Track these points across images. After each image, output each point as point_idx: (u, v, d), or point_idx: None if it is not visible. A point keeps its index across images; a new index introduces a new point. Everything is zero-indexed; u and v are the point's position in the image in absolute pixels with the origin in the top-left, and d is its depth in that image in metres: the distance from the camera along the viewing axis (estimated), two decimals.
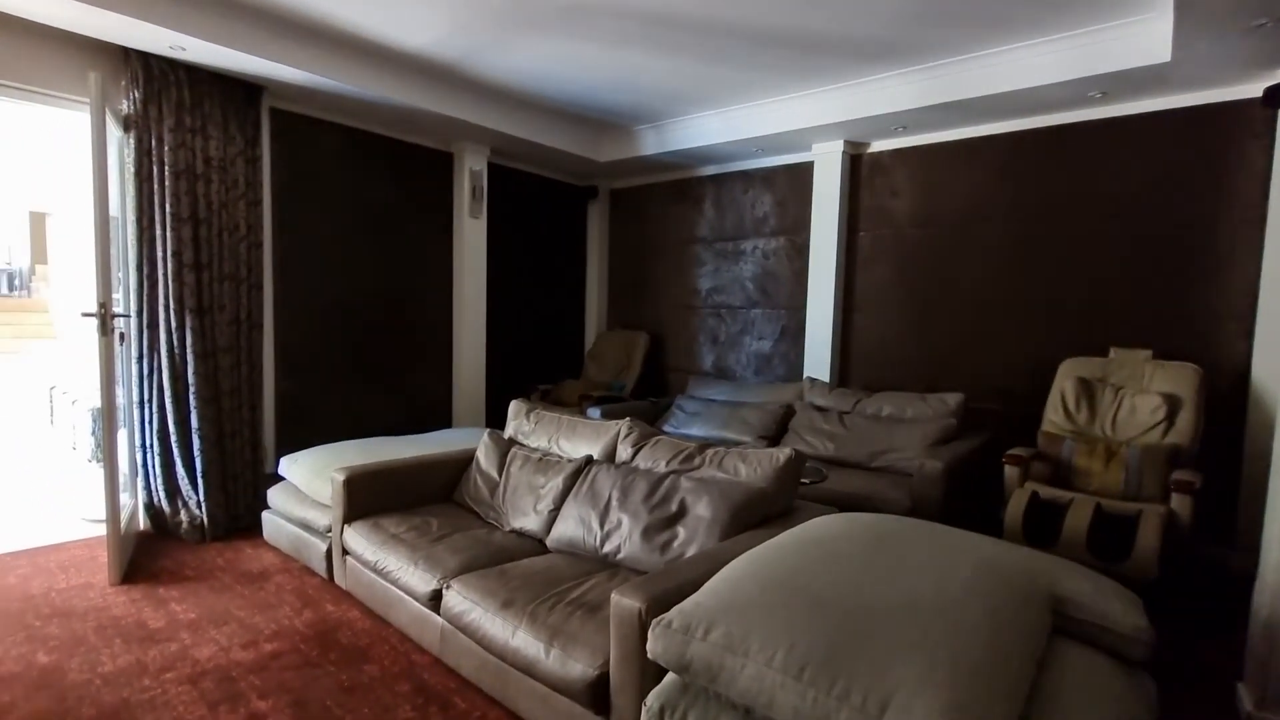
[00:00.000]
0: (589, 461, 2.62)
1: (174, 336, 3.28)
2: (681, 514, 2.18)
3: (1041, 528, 2.74)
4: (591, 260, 5.88)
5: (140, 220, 3.19)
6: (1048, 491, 2.85)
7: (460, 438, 3.46)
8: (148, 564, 2.99)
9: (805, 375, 4.44)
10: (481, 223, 4.76)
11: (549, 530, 2.49)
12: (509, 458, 2.87)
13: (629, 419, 2.72)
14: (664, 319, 5.44)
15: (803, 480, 3.10)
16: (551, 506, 2.53)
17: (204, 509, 3.32)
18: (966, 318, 3.94)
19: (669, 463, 2.43)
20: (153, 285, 3.25)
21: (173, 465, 3.33)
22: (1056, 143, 3.60)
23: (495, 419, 4.99)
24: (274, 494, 3.22)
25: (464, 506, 2.87)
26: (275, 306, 3.83)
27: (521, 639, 1.85)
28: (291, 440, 3.88)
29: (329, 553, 2.81)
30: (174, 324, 3.27)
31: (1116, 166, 3.43)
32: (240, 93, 3.47)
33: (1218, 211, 3.18)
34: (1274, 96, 2.75)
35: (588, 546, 2.32)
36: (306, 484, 3.00)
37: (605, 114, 4.51)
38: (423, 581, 2.24)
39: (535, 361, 5.51)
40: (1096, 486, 2.88)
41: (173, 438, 3.30)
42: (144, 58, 3.13)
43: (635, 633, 1.56)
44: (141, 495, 3.34)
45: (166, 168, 3.20)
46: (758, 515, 2.14)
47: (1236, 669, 2.18)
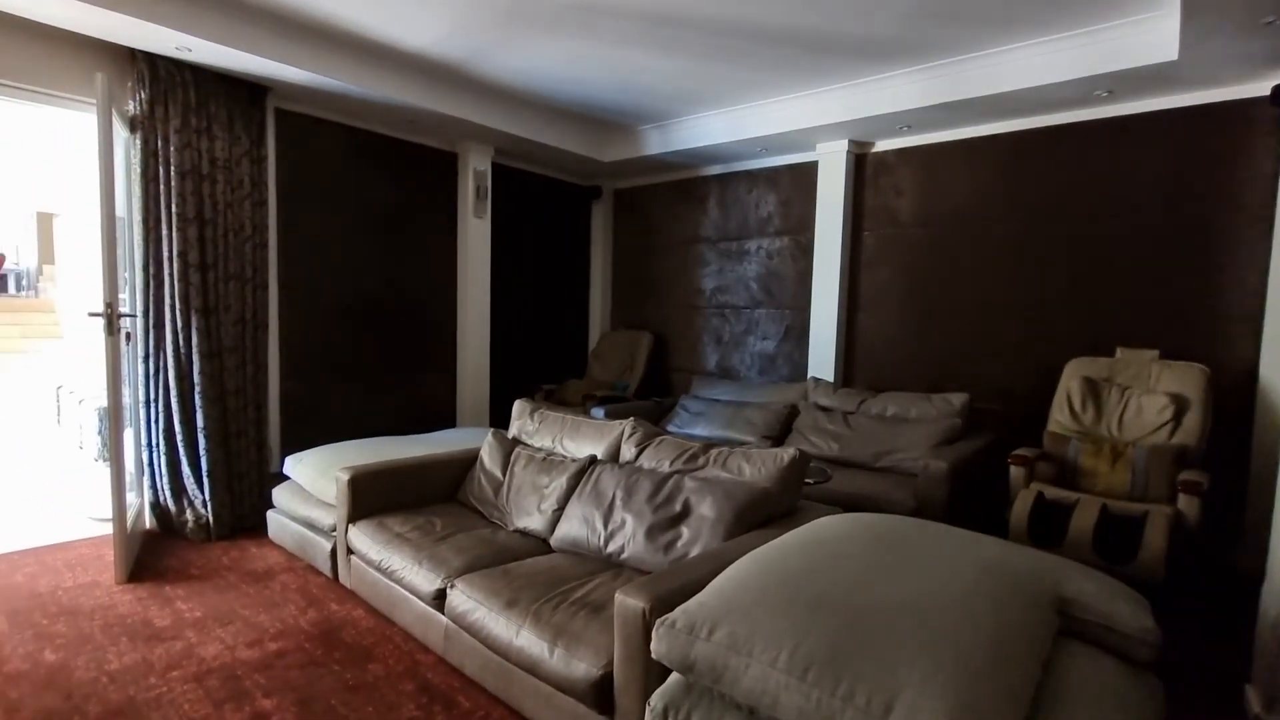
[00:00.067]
0: (593, 461, 2.62)
1: (180, 336, 3.29)
2: (685, 514, 2.18)
3: (1047, 528, 2.73)
4: (595, 260, 5.88)
5: (146, 220, 3.21)
6: (1053, 492, 2.84)
7: (464, 437, 3.47)
8: (154, 563, 3.01)
9: (809, 375, 4.43)
10: (485, 223, 4.77)
11: (553, 530, 2.50)
12: (513, 457, 2.87)
13: (633, 419, 2.72)
14: (668, 319, 5.43)
15: (807, 480, 3.09)
16: (555, 506, 2.53)
17: (209, 508, 3.33)
18: (972, 317, 3.92)
19: (673, 463, 2.43)
20: (159, 285, 3.27)
21: (178, 464, 3.35)
22: (1062, 142, 3.58)
23: (499, 419, 4.99)
24: (279, 493, 3.23)
25: (468, 506, 2.87)
26: (280, 306, 3.84)
27: (525, 638, 1.86)
28: (296, 440, 3.90)
29: (334, 552, 2.82)
30: (180, 324, 3.28)
31: (1123, 166, 3.42)
32: (245, 93, 3.48)
33: (1225, 211, 3.16)
34: None
35: (591, 546, 2.32)
36: (311, 483, 3.01)
37: (609, 114, 4.51)
38: (427, 581, 2.24)
39: (539, 361, 5.51)
40: (1103, 487, 2.87)
41: (178, 437, 3.32)
42: (150, 59, 3.15)
43: (639, 633, 1.56)
44: (147, 494, 3.36)
45: (172, 168, 3.22)
46: (762, 515, 2.14)
47: (1244, 670, 2.17)
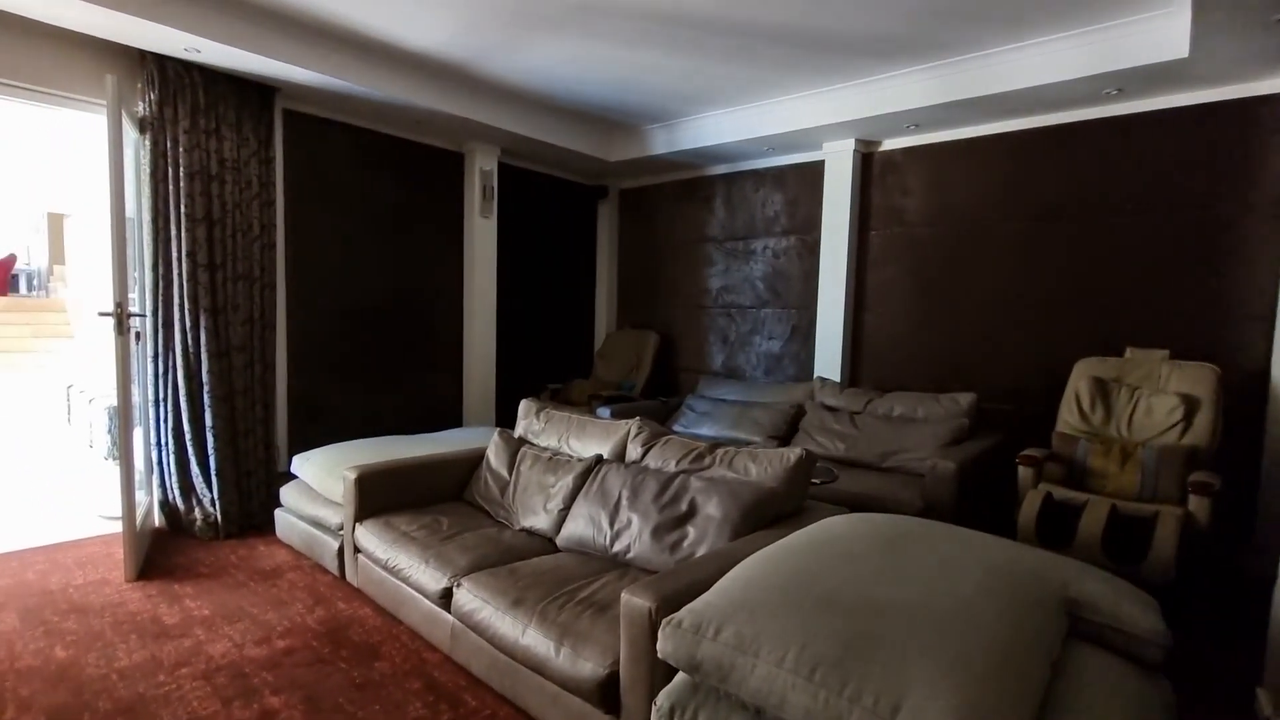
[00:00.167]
0: (599, 461, 2.62)
1: (189, 336, 3.31)
2: (691, 513, 2.17)
3: (1056, 529, 2.71)
4: (601, 260, 5.89)
5: (156, 221, 3.23)
6: (1062, 493, 2.82)
7: (471, 437, 3.47)
8: (163, 561, 3.03)
9: (816, 375, 4.42)
10: (492, 222, 4.77)
11: (559, 529, 2.50)
12: (519, 457, 2.87)
13: (639, 418, 2.72)
14: (674, 318, 5.43)
15: (813, 480, 3.08)
16: (561, 506, 2.53)
17: (218, 506, 3.35)
18: (979, 317, 3.90)
19: (679, 462, 2.43)
20: (168, 285, 3.29)
21: (187, 463, 3.37)
22: (1071, 140, 3.56)
23: (505, 418, 5.00)
24: (286, 492, 3.24)
25: (474, 505, 2.88)
26: (288, 306, 3.86)
27: (531, 637, 1.86)
28: (304, 439, 3.92)
29: (341, 551, 2.83)
30: (189, 323, 3.30)
31: (1132, 164, 3.39)
32: (254, 94, 3.50)
33: (1236, 209, 3.13)
34: None
35: (597, 546, 2.32)
36: (318, 482, 3.03)
37: (615, 113, 4.51)
38: (433, 580, 2.25)
39: (545, 361, 5.52)
40: (1112, 488, 2.85)
41: (187, 436, 3.34)
42: (159, 60, 3.17)
43: (645, 632, 1.56)
44: (157, 493, 3.38)
45: (181, 169, 3.24)
46: (768, 515, 2.13)
47: (1256, 673, 2.15)
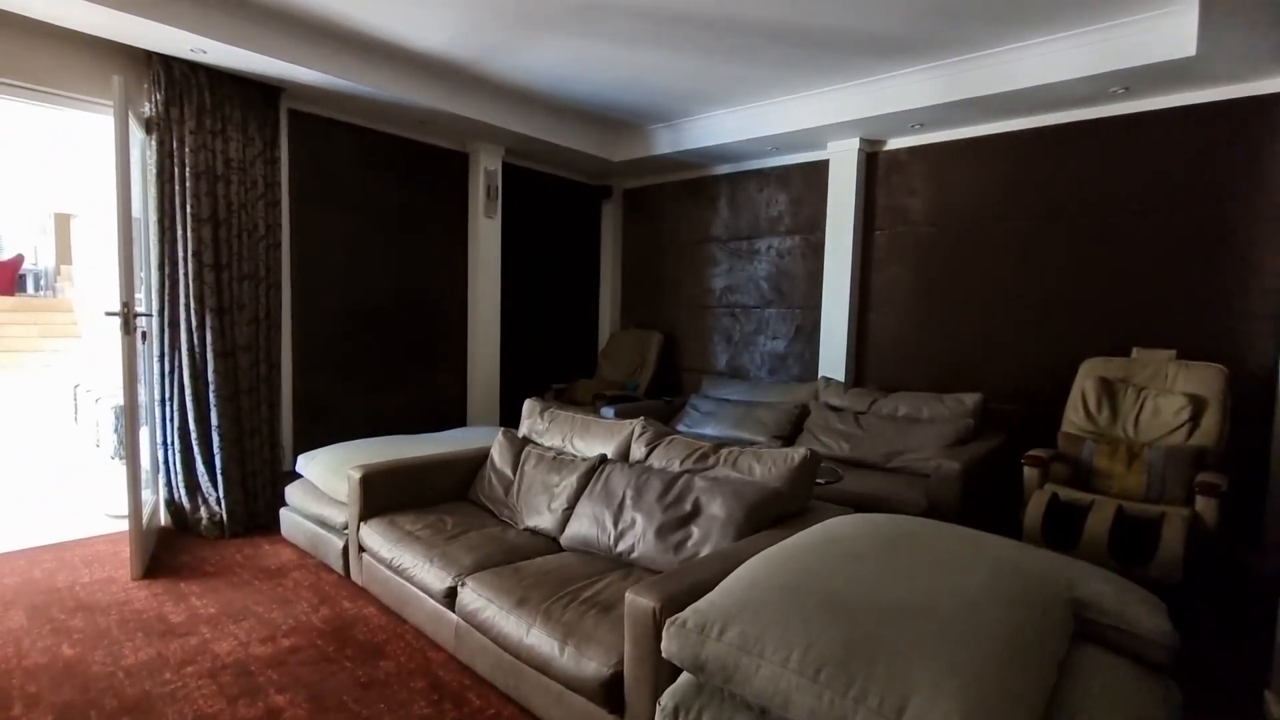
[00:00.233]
0: (603, 460, 2.62)
1: (194, 335, 3.32)
2: (695, 513, 2.17)
3: (1061, 530, 2.70)
4: (605, 260, 5.89)
5: (162, 221, 3.24)
6: (1068, 493, 2.81)
7: (475, 436, 3.48)
8: (169, 559, 3.04)
9: (820, 375, 4.41)
10: (496, 222, 4.78)
11: (563, 529, 2.50)
12: (523, 456, 2.88)
13: (643, 418, 2.71)
14: (678, 318, 5.43)
15: (818, 480, 3.07)
16: (565, 505, 2.53)
17: (223, 505, 3.36)
18: (984, 317, 3.89)
19: (683, 462, 2.43)
20: (174, 285, 3.30)
21: (193, 462, 3.38)
22: (1077, 139, 3.54)
23: (509, 418, 5.01)
24: (291, 491, 3.25)
25: (479, 505, 2.88)
26: (293, 306, 3.87)
27: (536, 637, 1.86)
28: (309, 438, 3.93)
29: (345, 550, 2.84)
30: (194, 323, 3.32)
31: (1139, 163, 3.37)
32: (259, 95, 3.51)
33: (1244, 209, 3.11)
34: None
35: (601, 545, 2.32)
36: (323, 481, 3.03)
37: (619, 113, 4.51)
38: (438, 579, 2.25)
39: (549, 361, 5.52)
40: (1118, 489, 2.83)
41: (193, 435, 3.35)
42: (166, 61, 3.18)
43: (650, 632, 1.56)
44: (163, 492, 3.40)
45: (187, 169, 3.25)
46: (772, 515, 2.13)
47: (1263, 675, 2.14)
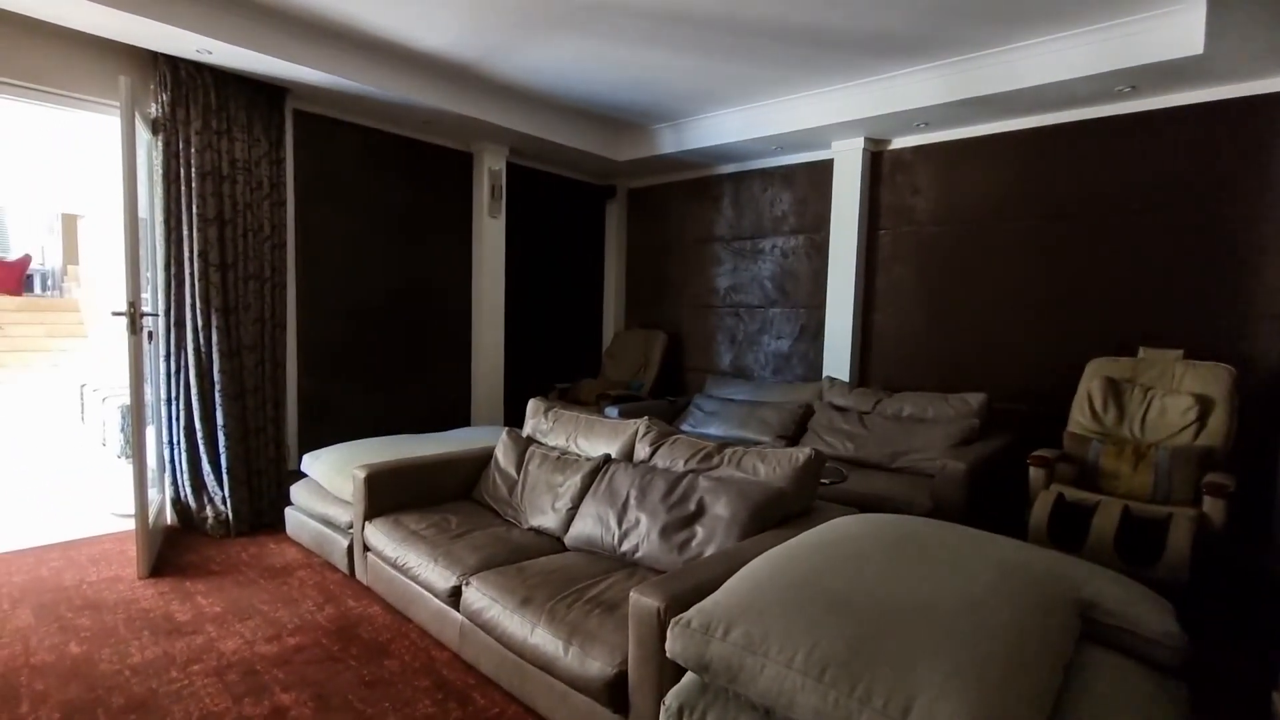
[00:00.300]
0: (607, 460, 2.62)
1: (200, 335, 3.34)
2: (700, 513, 2.17)
3: (1067, 531, 2.69)
4: (610, 259, 5.89)
5: (168, 221, 3.26)
6: (1074, 494, 2.80)
7: (479, 436, 3.48)
8: (175, 558, 3.05)
9: (824, 375, 4.41)
10: (500, 222, 4.79)
11: (567, 528, 2.50)
12: (527, 456, 2.88)
13: (647, 418, 2.71)
14: (682, 318, 5.42)
15: (822, 480, 3.07)
16: (569, 505, 2.54)
17: (229, 505, 3.37)
18: (990, 316, 3.87)
19: (687, 462, 2.42)
20: (180, 285, 3.32)
21: (199, 462, 3.40)
22: (1083, 138, 3.53)
23: (514, 418, 5.01)
24: (297, 490, 3.26)
25: (483, 504, 2.89)
26: (298, 305, 3.88)
27: (540, 636, 1.86)
28: (314, 437, 3.94)
29: (350, 549, 2.85)
30: (200, 323, 3.33)
31: (1145, 162, 3.35)
32: (264, 95, 3.52)
33: (1252, 208, 3.09)
34: None
35: (606, 545, 2.32)
36: (328, 481, 3.04)
37: (624, 113, 4.51)
38: (442, 578, 2.25)
39: (553, 360, 5.53)
40: (1124, 489, 2.82)
41: (199, 434, 3.36)
42: (172, 62, 3.19)
43: (654, 632, 1.56)
44: (169, 491, 3.41)
45: (193, 169, 3.26)
46: (777, 515, 2.13)
47: (1271, 677, 2.12)
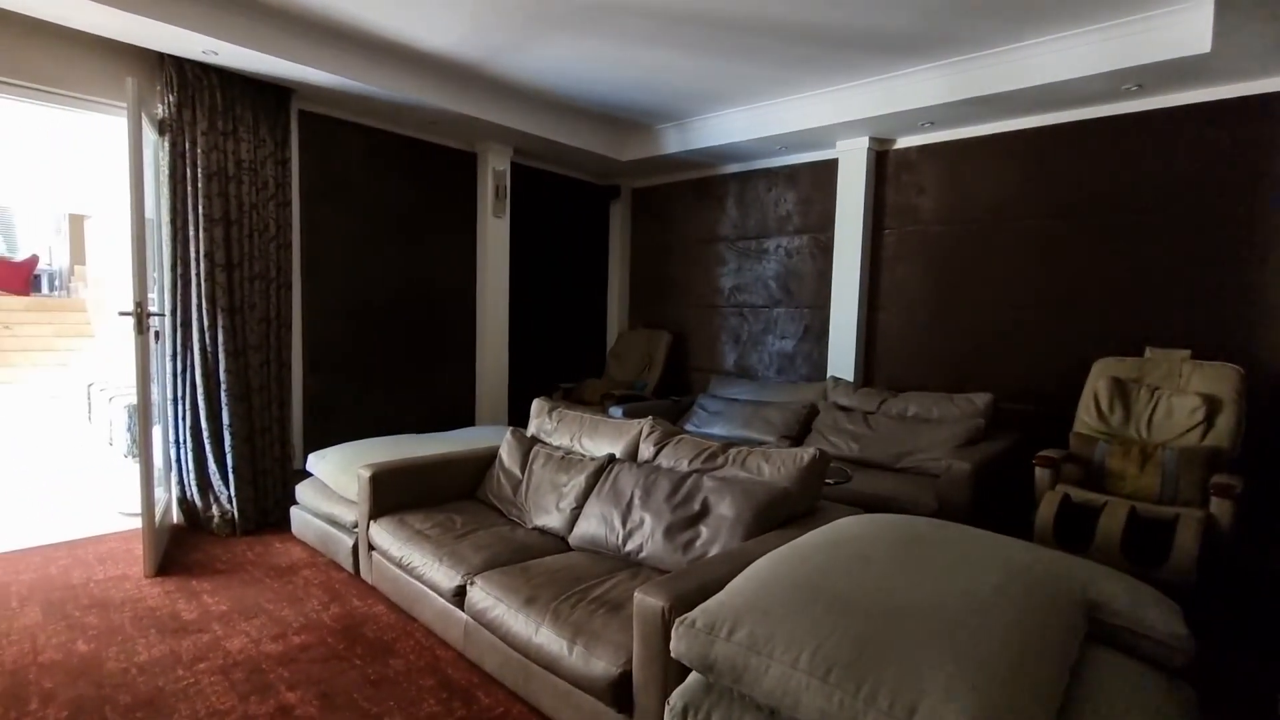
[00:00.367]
0: (611, 460, 2.63)
1: (206, 335, 3.35)
2: (704, 513, 2.17)
3: (1074, 532, 2.68)
4: (614, 259, 5.89)
5: (174, 221, 3.27)
6: (1080, 494, 2.78)
7: (483, 436, 3.49)
8: (181, 557, 3.06)
9: (829, 375, 4.40)
10: (504, 222, 4.79)
11: (571, 528, 2.50)
12: (531, 456, 2.88)
13: (651, 418, 2.71)
14: (686, 318, 5.42)
15: (827, 481, 3.06)
16: (574, 505, 2.54)
17: (234, 504, 3.39)
18: (995, 316, 3.86)
19: (691, 462, 2.42)
20: (186, 285, 3.33)
21: (205, 461, 3.41)
22: (1089, 137, 3.51)
23: (518, 417, 5.01)
24: (302, 490, 3.27)
25: (487, 504, 2.89)
26: (303, 306, 3.90)
27: (544, 636, 1.86)
28: (319, 437, 3.95)
29: (355, 548, 2.85)
30: (206, 323, 3.34)
31: (1152, 161, 3.34)
32: (270, 96, 3.53)
33: (1259, 206, 3.07)
34: None
35: (610, 545, 2.32)
36: (334, 480, 3.05)
37: (628, 113, 4.51)
38: (447, 578, 2.26)
39: (557, 360, 5.53)
40: (1131, 490, 2.80)
41: (205, 434, 3.37)
42: (178, 62, 3.20)
43: (658, 632, 1.56)
44: (175, 490, 3.42)
45: (199, 170, 3.28)
46: (781, 515, 2.12)
47: (1279, 680, 2.11)
